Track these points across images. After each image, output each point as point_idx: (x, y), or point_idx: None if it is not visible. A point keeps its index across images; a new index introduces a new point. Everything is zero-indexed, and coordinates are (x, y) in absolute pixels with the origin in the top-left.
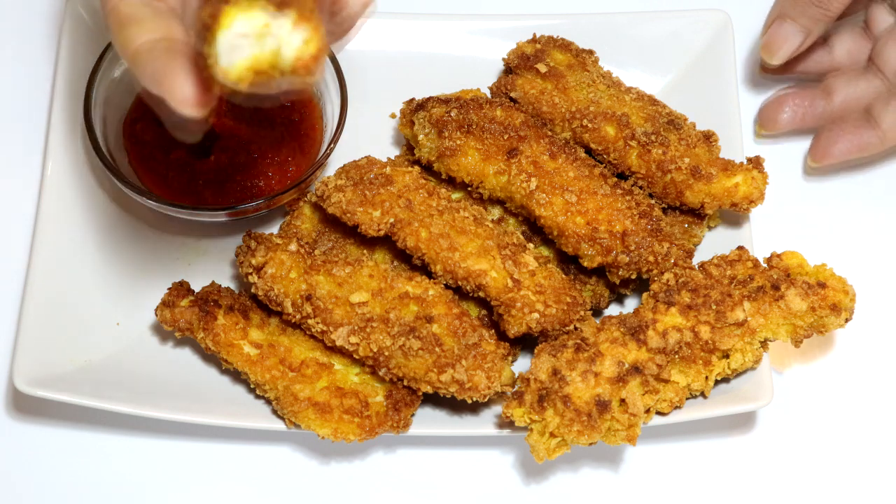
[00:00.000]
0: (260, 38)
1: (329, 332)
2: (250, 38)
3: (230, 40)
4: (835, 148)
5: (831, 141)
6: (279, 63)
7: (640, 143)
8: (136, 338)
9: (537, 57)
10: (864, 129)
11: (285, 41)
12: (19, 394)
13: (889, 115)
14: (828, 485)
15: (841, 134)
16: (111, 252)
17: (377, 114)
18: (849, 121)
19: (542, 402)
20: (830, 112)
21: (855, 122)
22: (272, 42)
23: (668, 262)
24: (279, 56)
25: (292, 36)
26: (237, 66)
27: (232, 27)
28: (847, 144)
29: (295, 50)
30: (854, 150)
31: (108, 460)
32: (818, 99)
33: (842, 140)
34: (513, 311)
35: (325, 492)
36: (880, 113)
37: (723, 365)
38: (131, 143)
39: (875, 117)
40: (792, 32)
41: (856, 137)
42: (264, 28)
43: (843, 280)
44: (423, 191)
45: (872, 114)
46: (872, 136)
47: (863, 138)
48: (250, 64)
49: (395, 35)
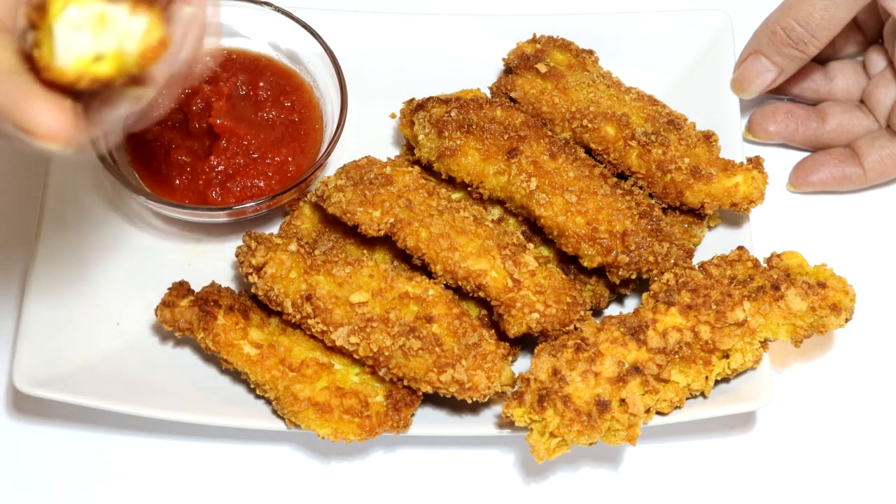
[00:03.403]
0: (97, 29)
1: (329, 332)
2: (85, 29)
3: (63, 33)
4: (815, 177)
5: (813, 170)
6: (122, 55)
7: (640, 143)
8: (136, 338)
9: (537, 57)
10: (848, 164)
11: (125, 30)
12: (19, 394)
13: (874, 153)
14: (828, 485)
15: (823, 164)
16: (111, 252)
17: (377, 114)
18: (833, 152)
19: (542, 402)
20: (821, 135)
21: (839, 155)
22: (112, 32)
23: (668, 262)
24: (121, 46)
25: (132, 23)
26: (75, 61)
27: (63, 18)
28: (828, 175)
29: (137, 38)
30: (834, 183)
31: (108, 460)
32: (812, 120)
33: (823, 170)
34: (513, 311)
35: (325, 492)
36: (865, 150)
37: (723, 365)
38: (131, 143)
39: (860, 154)
40: (765, 68)
41: (838, 170)
42: (99, 17)
43: (843, 280)
44: (423, 191)
45: (857, 150)
46: (854, 171)
47: (844, 172)
48: (90, 58)
49: (395, 34)
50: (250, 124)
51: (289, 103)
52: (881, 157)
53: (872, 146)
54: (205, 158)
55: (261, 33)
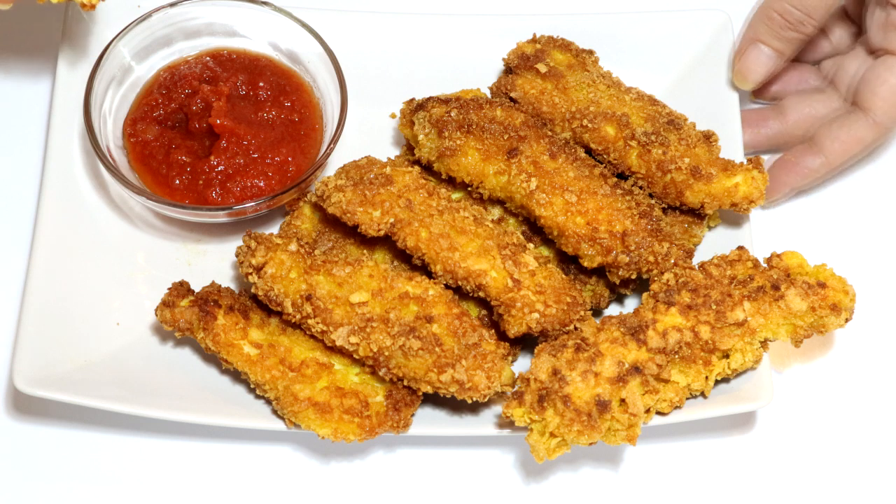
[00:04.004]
0: None
1: (329, 332)
2: None
3: None
4: (780, 182)
5: (775, 176)
6: None
7: (640, 143)
8: (136, 338)
9: (537, 57)
10: (806, 157)
11: None
12: (19, 394)
13: (830, 137)
14: (827, 484)
15: (782, 169)
16: (111, 252)
17: (377, 114)
18: (790, 152)
19: (542, 402)
20: (786, 131)
21: (795, 152)
22: None
23: (668, 262)
24: None
25: None
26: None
27: None
28: (792, 176)
29: None
30: (800, 181)
31: (108, 460)
32: (771, 119)
33: (783, 178)
34: (513, 311)
35: (325, 492)
36: (822, 137)
37: (723, 365)
38: (131, 143)
39: (818, 143)
40: (766, 56)
41: (799, 167)
42: None
43: (843, 280)
44: (423, 191)
45: (815, 140)
46: (814, 161)
47: (807, 165)
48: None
49: (395, 34)
50: (250, 124)
51: (289, 103)
52: (839, 139)
53: (829, 131)
54: (205, 158)
55: (261, 33)
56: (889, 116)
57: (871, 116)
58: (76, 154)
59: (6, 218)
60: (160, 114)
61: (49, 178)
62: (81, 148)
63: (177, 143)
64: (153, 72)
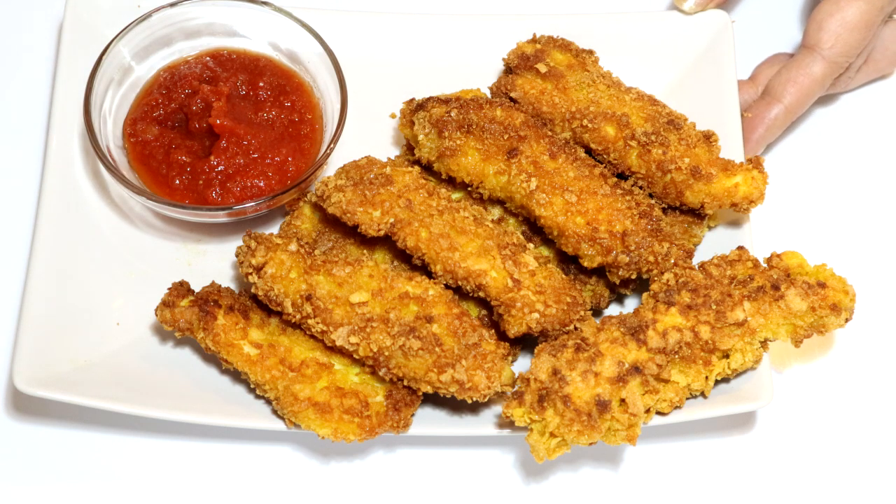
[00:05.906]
0: None
1: (329, 332)
2: None
3: None
4: (752, 137)
5: (747, 134)
6: None
7: (640, 143)
8: (136, 338)
9: (537, 57)
10: (768, 108)
11: None
12: (19, 394)
13: (782, 83)
14: (827, 484)
15: (747, 126)
16: (111, 252)
17: (377, 114)
18: (750, 108)
19: (542, 402)
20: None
21: (756, 107)
22: None
23: (668, 262)
24: None
25: None
26: None
27: None
28: (758, 131)
29: None
30: (765, 133)
31: (108, 460)
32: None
33: (750, 130)
34: (513, 311)
35: (325, 492)
36: (775, 87)
37: (723, 365)
38: (131, 143)
39: (773, 93)
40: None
41: (762, 120)
42: None
43: (843, 280)
44: (423, 191)
45: (769, 91)
46: (775, 110)
47: (769, 116)
48: None
49: (395, 35)
50: (250, 124)
51: (289, 103)
52: (791, 80)
53: (780, 76)
54: (205, 158)
55: (261, 33)
56: (836, 51)
57: (818, 52)
58: (76, 154)
59: (6, 218)
60: (160, 114)
61: (49, 178)
62: (81, 148)
63: (177, 143)
64: (153, 72)
